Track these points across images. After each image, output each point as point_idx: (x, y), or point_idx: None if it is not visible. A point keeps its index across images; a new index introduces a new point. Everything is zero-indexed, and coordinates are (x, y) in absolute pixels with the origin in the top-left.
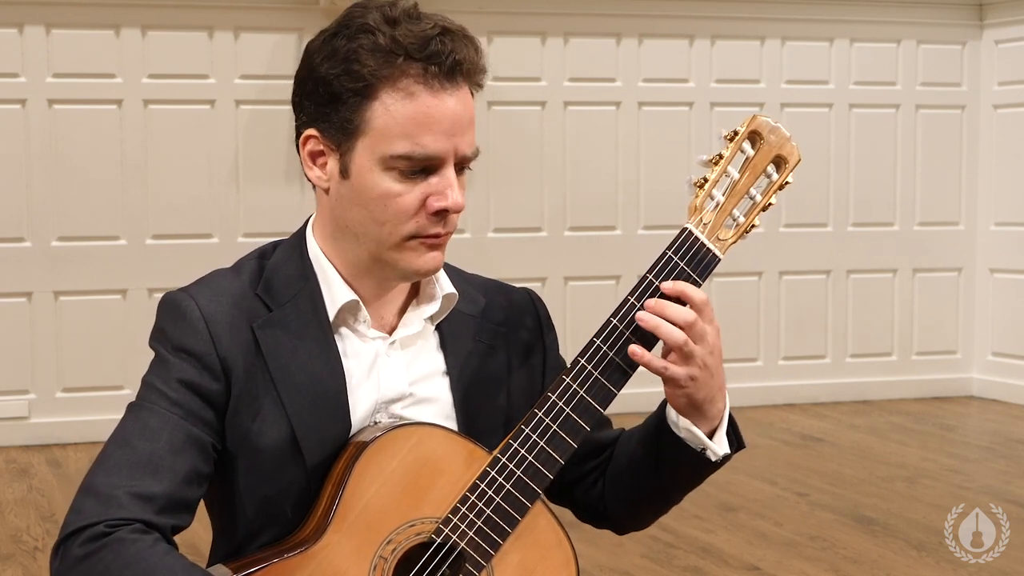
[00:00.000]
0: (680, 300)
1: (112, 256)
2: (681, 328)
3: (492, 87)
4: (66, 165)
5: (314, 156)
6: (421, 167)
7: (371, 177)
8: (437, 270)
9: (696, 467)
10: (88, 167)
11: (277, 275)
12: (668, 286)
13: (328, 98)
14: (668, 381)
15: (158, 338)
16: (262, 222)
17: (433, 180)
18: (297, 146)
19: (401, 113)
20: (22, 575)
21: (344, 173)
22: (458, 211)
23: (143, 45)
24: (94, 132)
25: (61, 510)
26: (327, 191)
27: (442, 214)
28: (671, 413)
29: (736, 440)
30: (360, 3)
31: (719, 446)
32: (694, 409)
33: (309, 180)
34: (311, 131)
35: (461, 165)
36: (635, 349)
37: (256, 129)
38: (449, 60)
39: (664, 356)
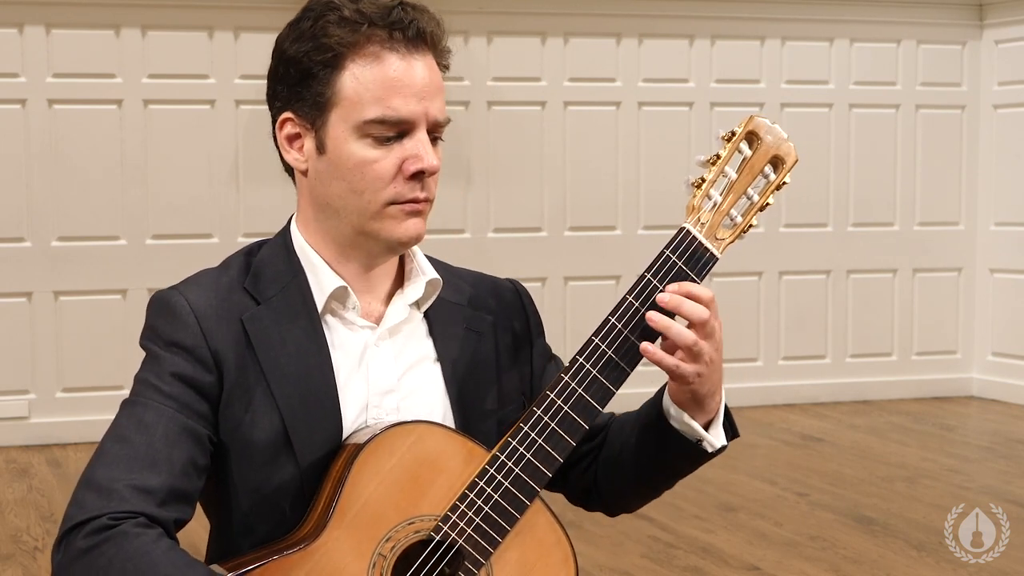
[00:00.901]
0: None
1: (112, 256)
2: (695, 325)
3: (492, 87)
4: (66, 165)
5: (291, 139)
6: (395, 131)
7: (347, 147)
8: (419, 239)
9: (692, 458)
10: (88, 167)
11: (265, 270)
12: (673, 288)
13: (299, 76)
14: (676, 378)
15: (149, 336)
16: (262, 222)
17: (407, 144)
18: (274, 136)
19: (370, 79)
20: (22, 575)
21: (320, 148)
22: (433, 172)
23: (143, 45)
24: (94, 132)
25: (61, 510)
26: (305, 173)
27: (419, 176)
28: (668, 406)
29: (731, 430)
30: None
31: (716, 438)
32: (695, 403)
33: (287, 167)
34: (286, 114)
35: (433, 132)
36: (647, 347)
37: (256, 129)
38: (412, 28)
39: (670, 354)
